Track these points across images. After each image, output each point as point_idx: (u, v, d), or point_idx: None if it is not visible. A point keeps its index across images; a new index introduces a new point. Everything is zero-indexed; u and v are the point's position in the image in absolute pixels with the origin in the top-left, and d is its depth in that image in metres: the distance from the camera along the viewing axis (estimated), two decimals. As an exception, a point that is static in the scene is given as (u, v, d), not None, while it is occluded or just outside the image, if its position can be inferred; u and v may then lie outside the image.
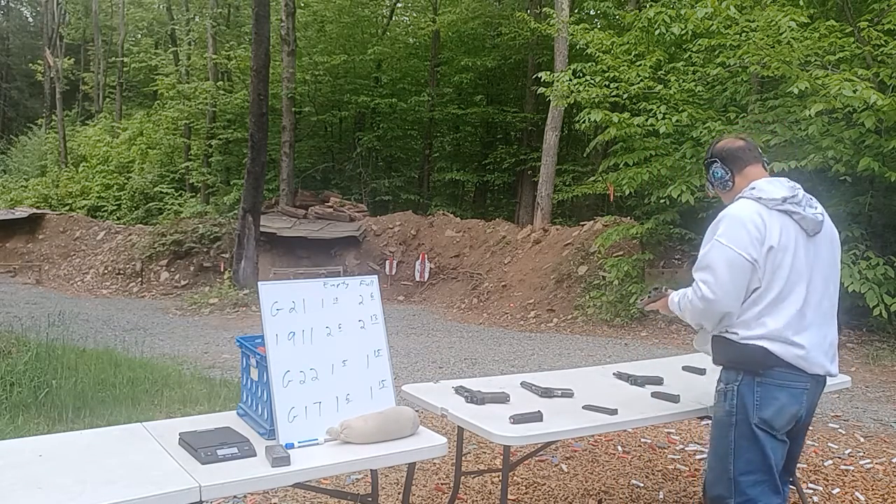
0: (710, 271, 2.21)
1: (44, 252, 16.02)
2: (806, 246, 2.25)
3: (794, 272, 2.21)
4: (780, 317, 2.19)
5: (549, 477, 3.75)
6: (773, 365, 2.19)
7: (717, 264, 2.19)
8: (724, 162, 2.44)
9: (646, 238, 10.02)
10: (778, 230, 2.20)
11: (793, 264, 2.21)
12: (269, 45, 12.90)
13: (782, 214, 2.23)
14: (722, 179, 2.44)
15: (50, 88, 30.20)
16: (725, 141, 2.50)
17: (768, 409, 2.20)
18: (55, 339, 6.19)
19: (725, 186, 2.43)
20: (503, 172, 19.00)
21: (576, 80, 8.89)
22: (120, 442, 2.14)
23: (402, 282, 13.53)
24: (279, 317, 2.21)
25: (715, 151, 2.48)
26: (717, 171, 2.45)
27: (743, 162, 2.41)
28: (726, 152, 2.45)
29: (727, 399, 2.28)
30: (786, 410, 2.21)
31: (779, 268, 2.19)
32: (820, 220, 2.27)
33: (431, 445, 2.20)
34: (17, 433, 3.87)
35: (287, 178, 16.22)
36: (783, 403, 2.20)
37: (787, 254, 2.20)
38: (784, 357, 2.19)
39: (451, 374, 6.59)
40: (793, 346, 2.19)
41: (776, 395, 2.19)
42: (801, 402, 2.23)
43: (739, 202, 2.30)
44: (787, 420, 2.23)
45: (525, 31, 16.34)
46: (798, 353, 2.19)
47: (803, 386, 2.22)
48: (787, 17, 6.73)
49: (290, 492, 3.38)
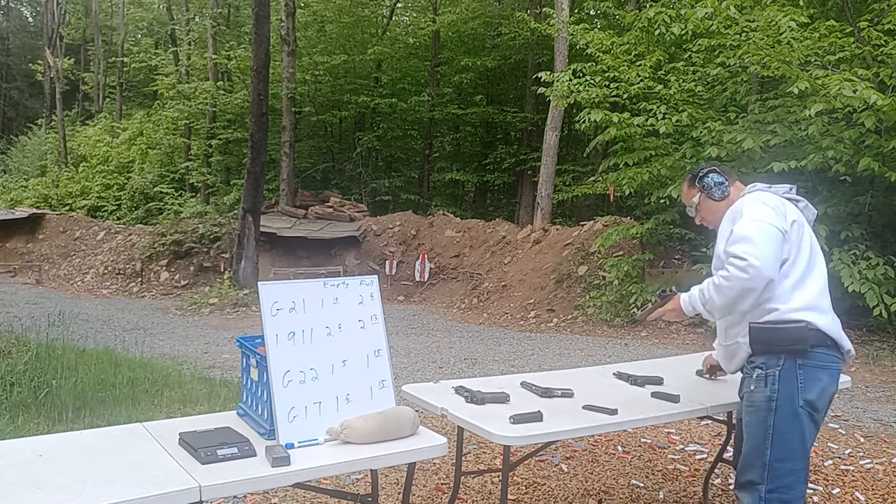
0: (748, 242, 2.23)
1: (44, 252, 16.02)
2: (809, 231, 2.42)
3: (814, 247, 2.36)
4: (812, 289, 2.29)
5: (549, 477, 3.75)
6: (815, 344, 2.24)
7: (754, 235, 2.24)
8: (720, 172, 2.60)
9: (646, 238, 10.02)
10: (793, 210, 2.38)
11: (812, 240, 2.37)
12: (269, 45, 12.90)
13: (789, 201, 2.41)
14: (721, 185, 2.55)
15: (50, 88, 30.20)
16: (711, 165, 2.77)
17: (813, 390, 2.24)
18: (55, 339, 6.19)
19: (724, 193, 2.54)
20: (503, 172, 19.01)
21: (576, 80, 8.89)
22: (120, 442, 2.13)
23: (402, 282, 13.54)
24: (279, 317, 2.21)
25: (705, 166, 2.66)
26: (716, 177, 2.57)
27: (732, 176, 2.62)
28: (716, 167, 2.65)
29: (768, 384, 2.27)
30: (828, 391, 2.27)
31: (801, 241, 2.32)
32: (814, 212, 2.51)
33: (431, 445, 2.20)
34: (17, 433, 3.87)
35: (287, 178, 16.22)
36: (826, 384, 2.26)
37: (805, 230, 2.35)
38: (827, 330, 2.25)
39: (451, 374, 6.59)
40: (832, 317, 2.30)
41: (819, 376, 2.25)
42: (837, 382, 2.32)
43: (747, 196, 2.42)
44: (828, 400, 2.30)
45: (525, 31, 16.34)
46: (834, 328, 2.28)
47: (838, 365, 2.30)
48: (787, 17, 6.73)
49: (290, 492, 3.38)
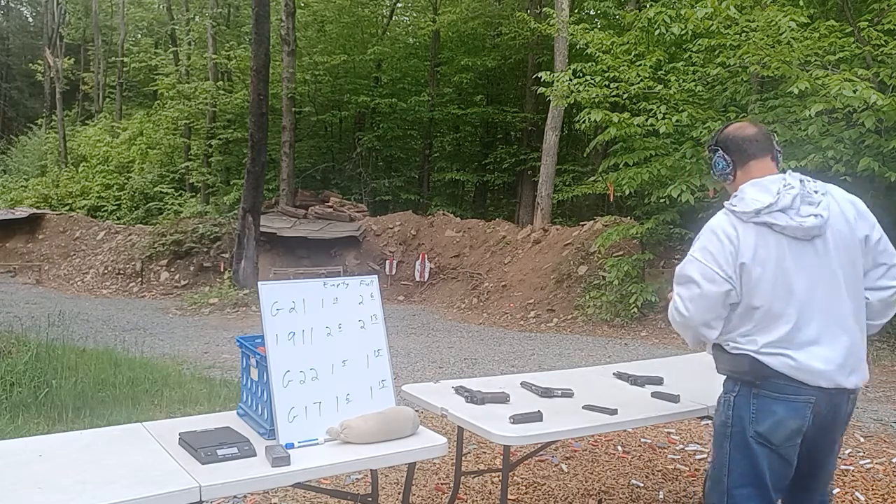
0: (684, 286, 2.12)
1: (44, 252, 16.02)
2: (799, 253, 2.06)
3: (781, 286, 2.04)
4: (772, 333, 2.06)
5: (549, 477, 3.75)
6: (767, 375, 2.05)
7: (691, 279, 2.09)
8: (727, 152, 2.22)
9: (646, 238, 10.02)
10: (752, 244, 2.05)
11: (776, 278, 2.04)
12: (269, 45, 12.91)
13: (759, 226, 2.06)
14: (723, 172, 2.25)
15: (50, 88, 30.19)
16: (735, 127, 2.26)
17: (765, 422, 2.06)
18: (55, 339, 6.19)
19: (726, 179, 2.25)
20: (503, 172, 19.00)
21: (576, 80, 8.89)
22: (120, 442, 2.14)
23: (402, 282, 13.53)
24: (279, 317, 2.21)
25: (720, 139, 2.26)
26: (719, 161, 2.25)
27: (747, 155, 2.19)
28: (731, 142, 2.22)
29: (724, 409, 2.17)
30: (785, 424, 2.05)
31: (758, 283, 2.04)
32: (814, 224, 2.04)
33: (431, 445, 2.20)
34: (17, 433, 3.87)
35: (287, 178, 16.22)
36: (781, 417, 2.05)
37: (766, 268, 2.04)
38: (777, 368, 2.04)
39: (451, 374, 6.59)
40: (785, 358, 2.04)
41: (773, 409, 2.05)
42: (805, 416, 2.04)
43: (717, 214, 2.17)
44: (787, 435, 2.05)
45: (525, 31, 16.34)
46: (791, 364, 2.03)
47: (805, 399, 2.04)
48: (787, 17, 6.73)
49: (290, 492, 3.38)
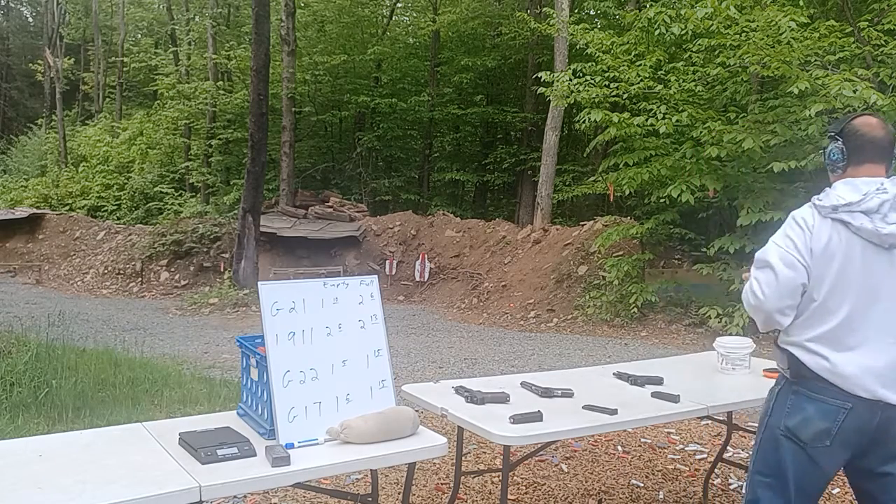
0: (762, 270, 2.16)
1: (44, 252, 16.02)
2: (872, 259, 2.08)
3: (842, 282, 2.08)
4: (816, 328, 2.12)
5: (549, 477, 3.75)
6: (805, 376, 2.12)
7: (769, 264, 2.12)
8: (846, 145, 2.17)
9: (646, 238, 10.02)
10: (826, 237, 2.09)
11: (840, 274, 2.08)
12: (269, 45, 12.91)
13: (836, 222, 2.09)
14: (835, 163, 2.20)
15: (50, 88, 30.19)
16: (863, 122, 2.19)
17: (794, 418, 2.14)
18: (55, 339, 6.19)
19: (835, 171, 2.21)
20: (503, 172, 19.00)
21: (576, 80, 8.90)
22: (120, 442, 2.13)
23: (402, 282, 13.53)
24: (279, 317, 2.21)
25: (845, 129, 2.19)
26: (835, 152, 2.19)
27: (865, 156, 2.14)
28: (855, 138, 2.16)
29: (768, 399, 2.26)
30: (812, 423, 2.10)
31: (822, 277, 2.09)
32: (893, 233, 2.03)
33: (431, 445, 2.20)
34: (17, 433, 3.88)
35: (287, 178, 16.22)
36: (809, 415, 2.11)
37: (833, 261, 2.08)
38: (814, 369, 2.11)
39: (451, 374, 6.59)
40: (820, 358, 2.10)
41: (804, 406, 2.12)
42: (835, 420, 2.07)
43: (803, 206, 2.20)
44: (815, 434, 2.10)
45: (525, 31, 16.34)
46: (826, 366, 2.09)
47: (840, 403, 2.07)
48: (787, 17, 6.74)
49: (290, 492, 3.38)
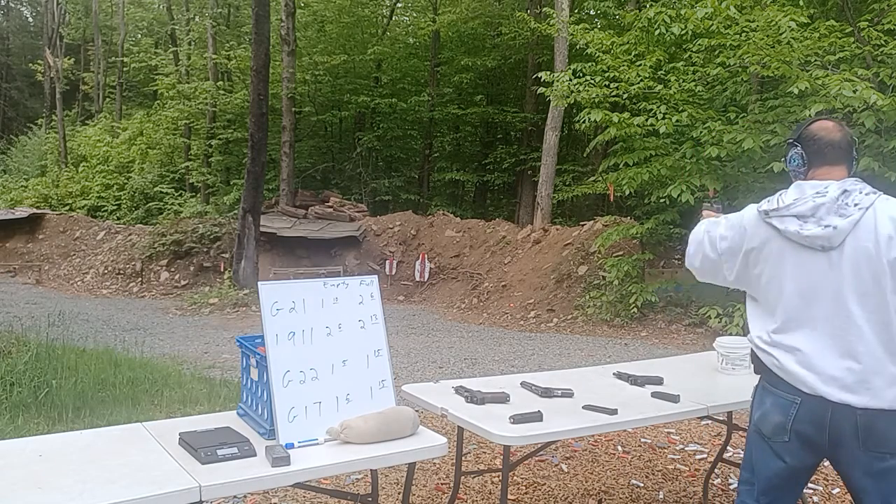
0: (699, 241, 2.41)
1: (44, 252, 16.02)
2: (804, 261, 2.06)
3: (776, 284, 2.10)
4: (765, 326, 2.16)
5: (549, 477, 3.75)
6: (763, 370, 2.18)
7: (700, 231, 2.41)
8: (805, 150, 2.16)
9: (646, 238, 10.02)
10: (759, 239, 2.13)
11: (773, 275, 2.11)
12: (269, 45, 12.90)
13: (768, 225, 2.11)
14: (796, 169, 2.19)
15: (50, 88, 30.17)
16: (820, 127, 2.18)
17: (758, 411, 2.19)
18: (55, 339, 6.20)
19: (797, 176, 2.20)
20: (503, 172, 19.00)
21: (576, 80, 8.89)
22: (120, 442, 2.13)
23: (402, 282, 13.53)
24: (279, 317, 2.21)
25: (803, 135, 2.20)
26: (795, 158, 2.19)
27: (825, 160, 2.13)
28: (813, 142, 2.16)
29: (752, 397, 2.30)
30: (770, 417, 2.12)
31: (758, 277, 2.16)
32: (818, 235, 2.01)
33: (431, 445, 2.20)
34: (17, 433, 3.88)
35: (287, 178, 16.22)
36: (767, 409, 2.14)
37: (766, 264, 2.12)
38: (766, 363, 2.15)
39: (451, 374, 6.59)
40: (769, 355, 2.13)
41: (765, 400, 2.16)
42: (789, 415, 2.07)
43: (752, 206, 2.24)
44: (773, 428, 2.11)
45: (525, 31, 16.34)
46: (775, 362, 2.12)
47: (791, 398, 2.07)
48: (787, 17, 6.73)
49: (290, 492, 3.38)
